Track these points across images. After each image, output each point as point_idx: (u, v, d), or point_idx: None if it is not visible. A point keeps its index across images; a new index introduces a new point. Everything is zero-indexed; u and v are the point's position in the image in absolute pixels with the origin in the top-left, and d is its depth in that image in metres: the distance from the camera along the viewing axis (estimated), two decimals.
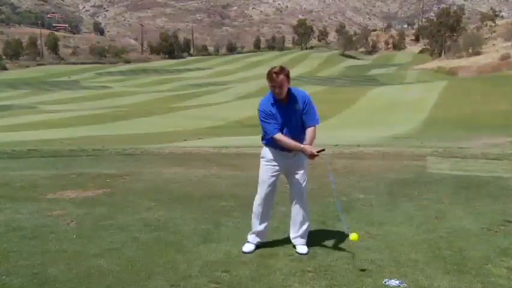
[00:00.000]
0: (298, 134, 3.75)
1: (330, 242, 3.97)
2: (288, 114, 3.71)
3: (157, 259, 3.60)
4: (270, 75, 3.62)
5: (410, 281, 3.18)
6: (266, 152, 3.87)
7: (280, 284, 3.17)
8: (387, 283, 3.16)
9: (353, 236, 3.56)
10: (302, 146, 3.65)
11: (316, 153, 3.60)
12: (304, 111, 3.73)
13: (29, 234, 4.22)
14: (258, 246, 3.88)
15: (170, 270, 3.38)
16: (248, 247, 3.83)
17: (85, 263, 3.50)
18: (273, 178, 3.85)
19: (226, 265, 3.48)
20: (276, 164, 3.83)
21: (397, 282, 3.16)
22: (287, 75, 3.65)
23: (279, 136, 3.67)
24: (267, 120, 3.70)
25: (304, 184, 3.88)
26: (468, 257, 3.62)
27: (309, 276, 3.28)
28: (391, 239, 4.10)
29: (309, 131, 3.75)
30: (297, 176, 3.86)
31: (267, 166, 3.85)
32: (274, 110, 3.70)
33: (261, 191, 3.88)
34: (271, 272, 3.36)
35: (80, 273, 3.32)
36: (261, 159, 3.91)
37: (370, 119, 32.18)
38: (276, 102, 3.71)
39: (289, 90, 3.71)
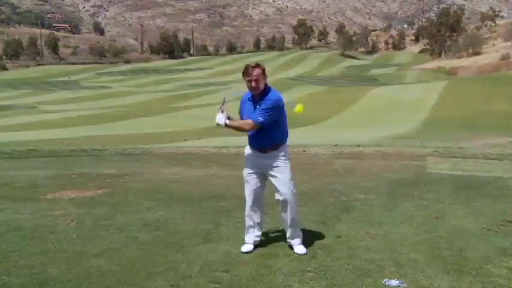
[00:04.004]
0: (261, 133, 3.66)
1: (330, 242, 3.98)
2: (253, 111, 3.67)
3: (157, 259, 3.60)
4: (246, 70, 3.64)
5: (410, 281, 3.18)
6: (246, 149, 3.93)
7: (280, 284, 3.16)
8: (387, 283, 3.16)
9: (298, 108, 3.72)
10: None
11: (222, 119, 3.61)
12: (260, 107, 3.63)
13: (29, 234, 4.22)
14: (257, 246, 3.88)
15: (170, 270, 3.38)
16: (247, 247, 3.82)
17: (85, 263, 3.50)
18: (251, 176, 3.83)
19: (226, 265, 3.48)
20: (250, 161, 3.85)
21: (397, 282, 3.16)
22: (263, 71, 3.65)
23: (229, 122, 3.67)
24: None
25: (288, 187, 3.75)
26: (468, 257, 3.62)
27: (309, 276, 3.28)
28: (391, 239, 4.10)
29: (245, 119, 3.71)
30: (279, 176, 3.75)
31: (246, 163, 3.88)
32: (244, 103, 3.79)
33: (245, 188, 3.90)
34: (271, 272, 3.36)
35: (80, 273, 3.32)
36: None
37: (370, 119, 32.18)
38: (252, 98, 3.74)
39: (267, 90, 3.66)
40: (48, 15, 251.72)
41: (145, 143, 15.08)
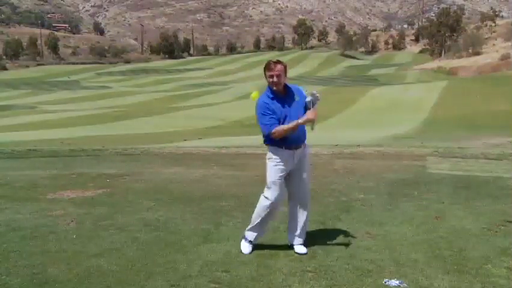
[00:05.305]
0: (301, 128, 3.75)
1: (330, 242, 3.97)
2: (288, 106, 3.68)
3: (157, 259, 3.60)
4: (269, 65, 3.64)
5: (410, 281, 3.18)
6: (273, 153, 3.76)
7: (280, 284, 3.16)
8: (387, 283, 3.16)
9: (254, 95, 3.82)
10: (297, 121, 3.60)
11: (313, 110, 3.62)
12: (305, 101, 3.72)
13: (29, 234, 4.21)
14: (256, 245, 3.87)
15: (170, 270, 3.37)
16: (247, 248, 3.79)
17: (85, 263, 3.50)
18: (281, 179, 3.78)
19: (226, 265, 3.48)
20: (284, 163, 3.74)
21: (397, 282, 3.16)
22: (285, 67, 3.66)
23: (274, 130, 3.60)
24: (263, 114, 3.63)
25: (309, 183, 3.90)
26: (468, 257, 3.62)
27: (309, 276, 3.28)
28: (391, 239, 4.10)
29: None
30: (303, 175, 3.83)
31: (276, 167, 3.74)
32: (272, 104, 3.65)
33: (272, 193, 3.76)
34: (271, 272, 3.36)
35: (80, 273, 3.32)
36: (268, 161, 3.78)
37: (370, 119, 32.19)
38: (275, 96, 3.68)
39: (285, 84, 3.72)
40: (48, 15, 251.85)
41: (145, 143, 15.09)
